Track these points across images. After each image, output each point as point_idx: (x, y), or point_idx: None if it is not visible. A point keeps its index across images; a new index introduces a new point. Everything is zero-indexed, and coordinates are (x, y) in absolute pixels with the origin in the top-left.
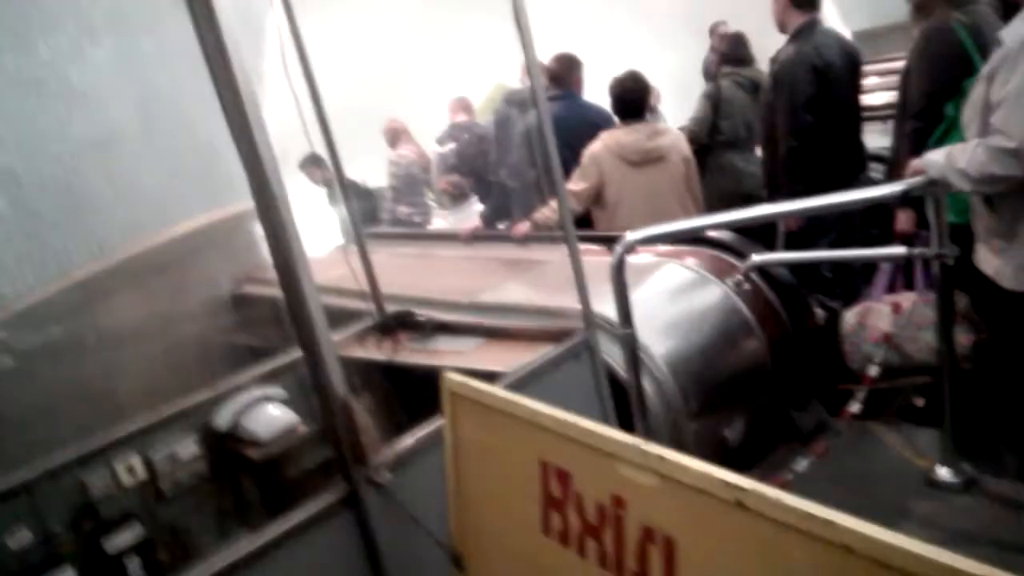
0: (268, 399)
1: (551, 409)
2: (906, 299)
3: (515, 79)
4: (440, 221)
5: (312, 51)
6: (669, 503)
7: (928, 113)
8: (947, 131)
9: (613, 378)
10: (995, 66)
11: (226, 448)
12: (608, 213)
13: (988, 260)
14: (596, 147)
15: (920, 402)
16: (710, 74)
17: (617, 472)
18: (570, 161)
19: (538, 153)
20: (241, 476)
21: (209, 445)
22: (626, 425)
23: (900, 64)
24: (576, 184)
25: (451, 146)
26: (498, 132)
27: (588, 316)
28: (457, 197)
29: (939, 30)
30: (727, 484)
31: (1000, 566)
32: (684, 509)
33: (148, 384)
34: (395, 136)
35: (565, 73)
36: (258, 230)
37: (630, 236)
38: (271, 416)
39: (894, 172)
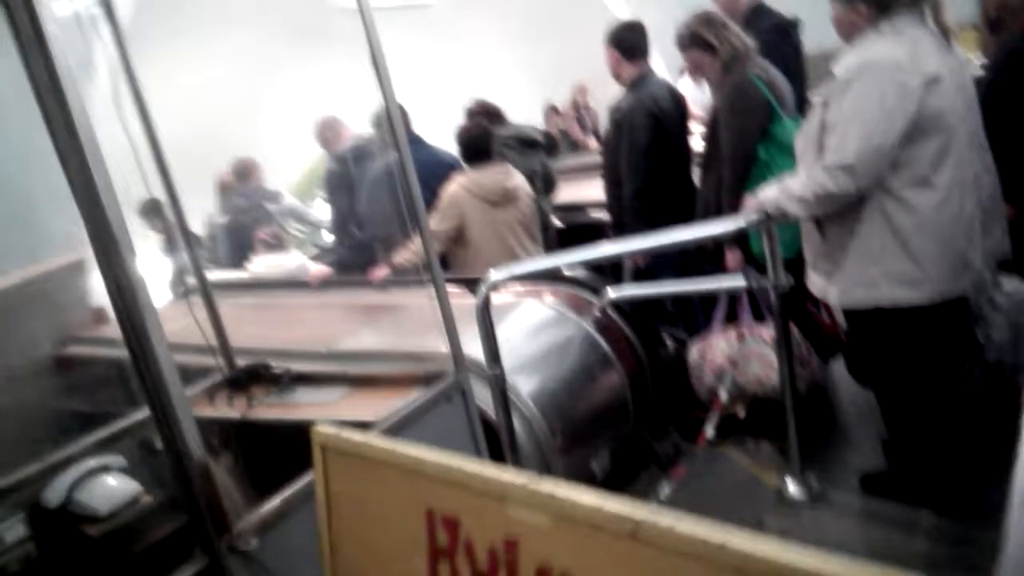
0: (105, 469)
1: (435, 454)
2: (739, 332)
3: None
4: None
5: (149, 90)
6: (564, 540)
7: (743, 158)
8: (759, 170)
9: (482, 418)
10: (828, 95)
11: (60, 526)
12: (471, 252)
13: (817, 283)
14: (454, 189)
15: (742, 413)
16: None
17: (508, 514)
18: (429, 202)
19: (397, 196)
20: (79, 556)
21: (39, 525)
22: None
23: None
24: (437, 225)
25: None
26: (330, 186)
27: (459, 358)
28: (274, 247)
29: (744, 84)
30: (620, 516)
31: None
32: (579, 545)
33: None
34: (237, 177)
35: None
36: (81, 285)
37: (494, 275)
38: (110, 487)
39: (708, 213)
